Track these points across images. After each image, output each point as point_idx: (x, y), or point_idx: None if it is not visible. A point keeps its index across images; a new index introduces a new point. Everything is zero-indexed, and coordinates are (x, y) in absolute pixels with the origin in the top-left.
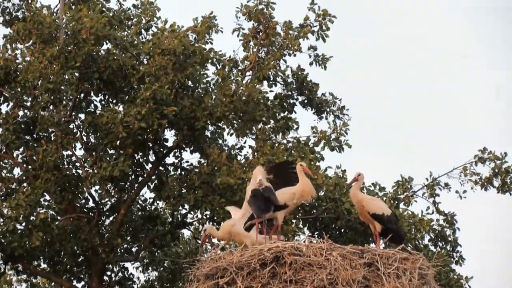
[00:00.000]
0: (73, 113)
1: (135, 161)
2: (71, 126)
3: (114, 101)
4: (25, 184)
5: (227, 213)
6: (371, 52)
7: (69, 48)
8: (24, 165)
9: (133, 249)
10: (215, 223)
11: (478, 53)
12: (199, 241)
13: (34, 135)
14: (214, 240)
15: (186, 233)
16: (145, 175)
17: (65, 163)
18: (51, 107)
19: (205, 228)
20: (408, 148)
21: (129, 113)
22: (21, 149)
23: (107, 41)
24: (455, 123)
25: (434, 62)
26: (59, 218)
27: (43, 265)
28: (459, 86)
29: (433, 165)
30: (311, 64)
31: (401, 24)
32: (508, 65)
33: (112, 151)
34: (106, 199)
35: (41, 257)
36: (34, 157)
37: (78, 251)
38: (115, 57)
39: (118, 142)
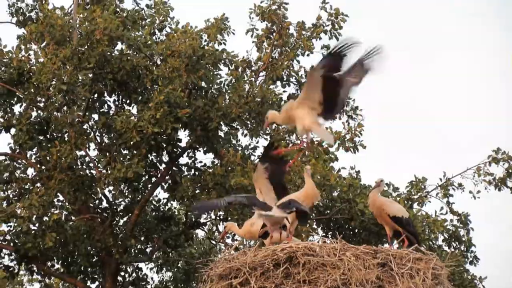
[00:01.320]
0: (87, 114)
1: (149, 161)
2: (84, 127)
3: (128, 102)
4: (38, 185)
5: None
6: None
7: (83, 49)
8: (38, 166)
9: (147, 250)
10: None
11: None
12: (213, 242)
13: (48, 136)
14: (228, 241)
15: (200, 233)
16: (158, 176)
17: (79, 163)
18: (64, 108)
19: (226, 224)
20: (421, 148)
21: (143, 117)
22: (34, 150)
23: (121, 42)
24: (469, 123)
25: (448, 60)
26: (73, 218)
27: (57, 266)
28: (474, 86)
29: (447, 166)
30: None
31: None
32: None
33: (125, 152)
34: (120, 200)
35: (54, 258)
36: (48, 158)
37: (92, 252)
38: (129, 58)
39: (131, 143)
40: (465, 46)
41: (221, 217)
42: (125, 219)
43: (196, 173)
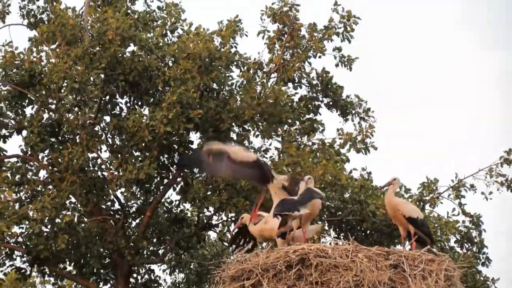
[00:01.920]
0: (98, 115)
1: (160, 163)
2: (96, 129)
3: (140, 103)
4: (50, 187)
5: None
6: (396, 52)
7: (94, 50)
8: (50, 168)
9: (159, 251)
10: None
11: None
12: (225, 244)
13: (59, 138)
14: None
15: (212, 235)
16: (170, 177)
17: (91, 165)
18: (76, 110)
19: (243, 216)
20: (433, 150)
21: (155, 117)
22: (46, 152)
23: (133, 43)
24: (481, 124)
25: (459, 62)
26: (85, 220)
27: (69, 268)
28: (486, 86)
29: (459, 167)
30: (336, 65)
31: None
32: None
33: (137, 153)
34: (132, 202)
35: (67, 260)
36: (60, 160)
37: (104, 254)
38: (140, 59)
39: (143, 144)
40: (477, 47)
41: (233, 219)
42: (137, 221)
43: (208, 174)
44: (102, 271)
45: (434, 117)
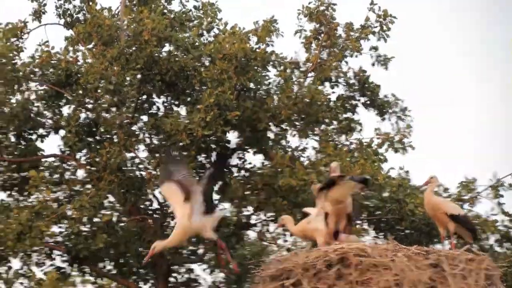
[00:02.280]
0: (136, 115)
1: (198, 162)
2: (133, 128)
3: (176, 103)
4: (88, 186)
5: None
6: (432, 51)
7: (130, 50)
8: (88, 167)
9: (198, 251)
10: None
11: None
12: (264, 243)
13: (97, 137)
14: (279, 242)
15: (252, 234)
16: None
17: (128, 164)
18: (113, 109)
19: (283, 217)
20: (471, 149)
21: (193, 120)
22: (84, 151)
23: (169, 43)
24: None
25: (496, 58)
26: (124, 219)
27: (108, 267)
28: None
29: (497, 166)
30: (373, 64)
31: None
32: None
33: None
34: None
35: (106, 259)
36: (97, 159)
37: (143, 253)
38: (177, 59)
39: (181, 144)
40: None
41: (271, 218)
42: (175, 220)
43: (246, 174)
44: (141, 270)
45: (470, 115)
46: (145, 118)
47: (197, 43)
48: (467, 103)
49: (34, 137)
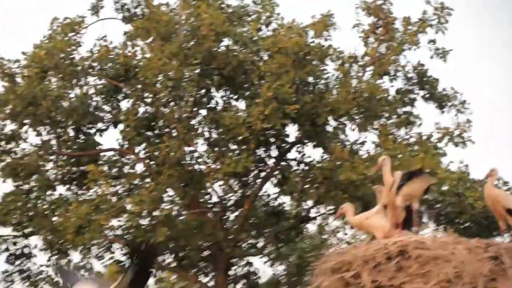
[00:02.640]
0: (194, 109)
1: (257, 156)
2: (192, 122)
3: (235, 97)
4: (148, 180)
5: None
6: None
7: (189, 45)
8: (147, 161)
9: (258, 244)
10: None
11: None
12: (323, 236)
13: (156, 131)
14: (339, 235)
15: (311, 227)
16: (267, 170)
17: (188, 158)
18: (171, 104)
19: (344, 206)
20: None
21: (252, 114)
22: (143, 145)
23: (227, 38)
24: None
25: None
26: (183, 213)
27: (168, 260)
28: None
29: None
30: (431, 57)
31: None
32: None
33: (234, 147)
34: (230, 195)
35: (166, 252)
36: (156, 153)
37: (203, 246)
38: (235, 53)
39: (240, 138)
40: None
41: (331, 211)
42: (235, 213)
43: (305, 167)
44: (201, 263)
45: None
46: (204, 112)
47: (255, 38)
48: None
49: (93, 131)
